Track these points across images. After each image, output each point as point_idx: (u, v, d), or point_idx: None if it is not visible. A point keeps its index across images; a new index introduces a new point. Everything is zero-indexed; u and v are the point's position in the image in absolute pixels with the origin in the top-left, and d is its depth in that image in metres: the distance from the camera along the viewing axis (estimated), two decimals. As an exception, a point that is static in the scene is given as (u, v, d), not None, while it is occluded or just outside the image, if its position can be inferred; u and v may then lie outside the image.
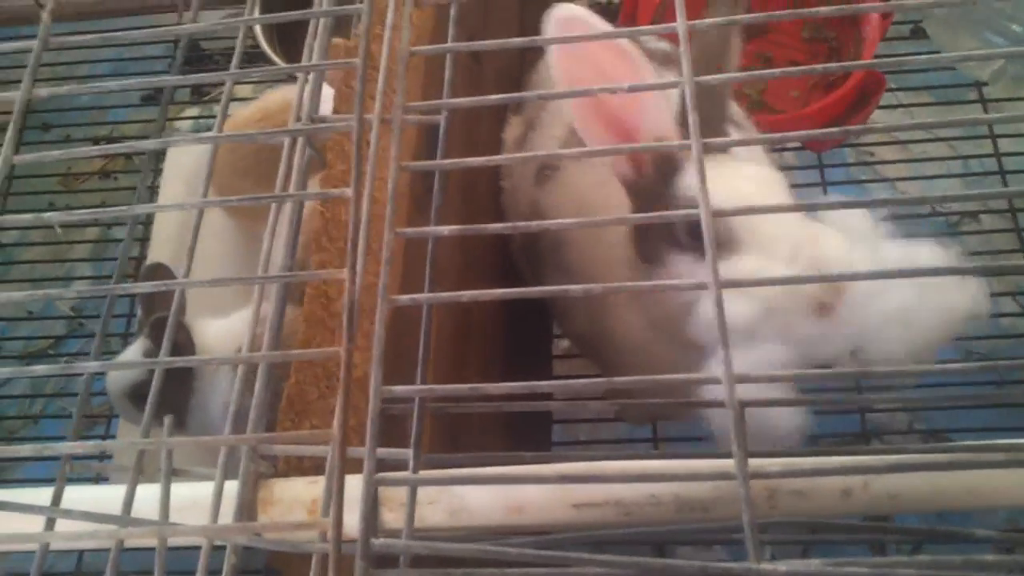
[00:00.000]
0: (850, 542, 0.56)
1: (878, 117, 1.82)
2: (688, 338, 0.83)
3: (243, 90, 2.01)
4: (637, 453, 0.60)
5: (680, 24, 0.59)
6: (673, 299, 0.82)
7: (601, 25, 0.80)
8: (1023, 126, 1.70)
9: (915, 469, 0.46)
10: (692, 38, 0.85)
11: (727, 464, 0.48)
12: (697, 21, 0.59)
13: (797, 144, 1.65)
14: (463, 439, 0.98)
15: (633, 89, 0.59)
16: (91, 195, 2.01)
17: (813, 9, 0.74)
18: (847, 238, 0.86)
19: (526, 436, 1.25)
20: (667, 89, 0.63)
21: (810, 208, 0.84)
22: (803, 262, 0.78)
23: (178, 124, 2.04)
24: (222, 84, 0.73)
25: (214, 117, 1.99)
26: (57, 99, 0.63)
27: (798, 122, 1.42)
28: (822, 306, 0.78)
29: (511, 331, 1.22)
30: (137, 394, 1.15)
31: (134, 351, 1.15)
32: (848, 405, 1.39)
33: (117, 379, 1.15)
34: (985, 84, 1.64)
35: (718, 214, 0.54)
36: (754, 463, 0.48)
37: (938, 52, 1.66)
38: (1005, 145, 1.63)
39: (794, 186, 1.73)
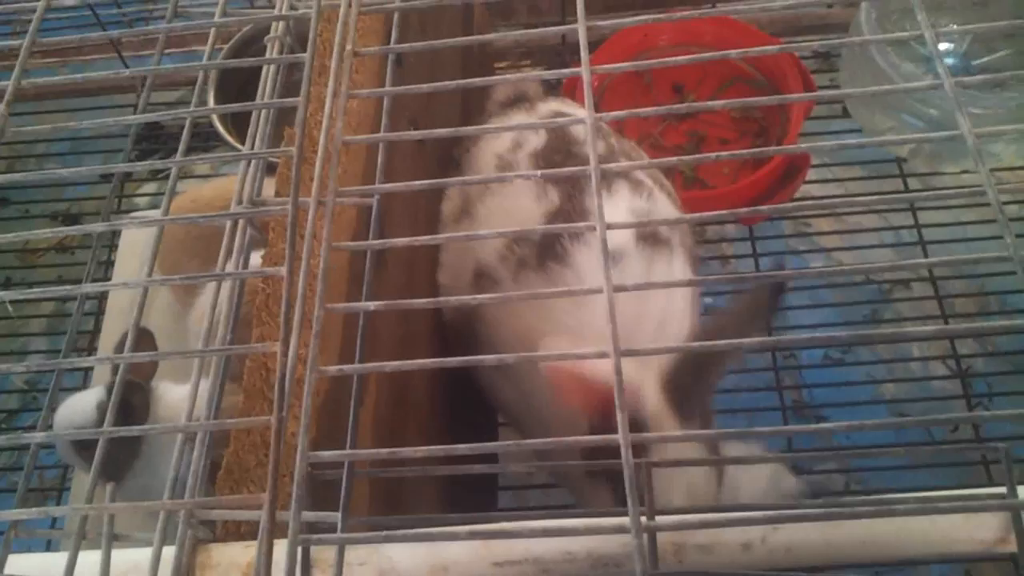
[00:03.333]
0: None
1: (813, 190, 1.92)
2: None
3: (202, 168, 2.06)
4: (551, 513, 0.65)
5: (588, 116, 0.66)
6: None
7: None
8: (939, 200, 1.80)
9: (791, 521, 0.51)
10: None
11: (626, 520, 0.52)
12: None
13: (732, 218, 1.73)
14: (403, 507, 1.01)
15: (545, 176, 0.65)
16: (48, 269, 2.03)
17: (744, 99, 0.79)
18: None
19: (469, 503, 1.28)
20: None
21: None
22: None
23: (136, 200, 2.08)
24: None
25: (164, 196, 2.04)
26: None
27: (729, 196, 1.50)
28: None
29: (453, 401, 1.26)
30: (79, 438, 1.16)
31: (88, 397, 1.16)
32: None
33: (62, 420, 1.15)
34: (905, 160, 1.74)
35: (619, 289, 0.59)
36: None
37: (859, 131, 1.77)
38: (925, 216, 1.72)
39: (729, 257, 1.81)
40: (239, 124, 1.67)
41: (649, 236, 1.14)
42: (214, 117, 1.64)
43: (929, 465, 1.51)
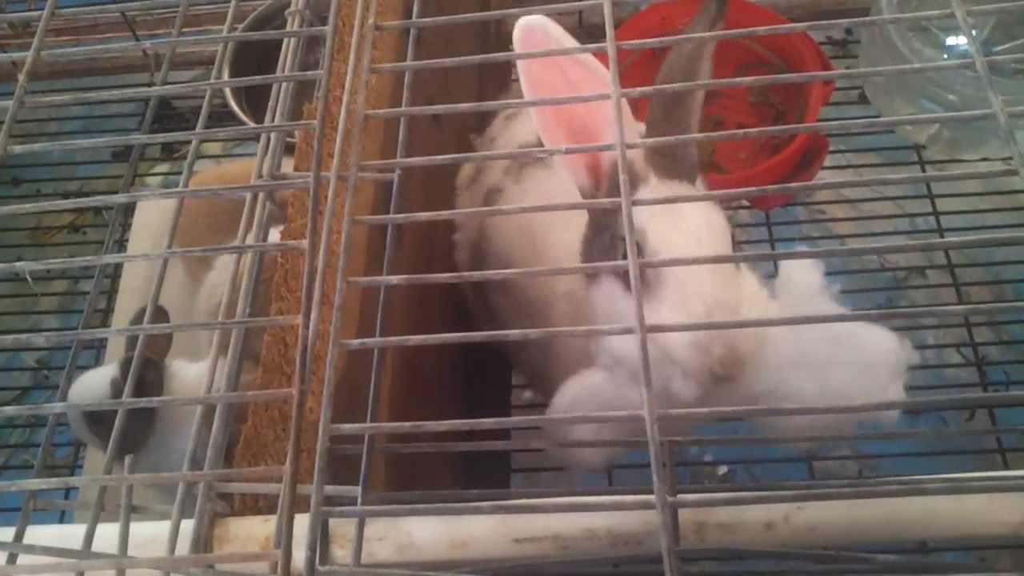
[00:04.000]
0: (772, 572, 0.60)
1: (828, 176, 1.91)
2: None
3: (212, 147, 2.06)
4: (573, 490, 0.64)
5: (614, 92, 0.65)
6: (606, 312, 0.87)
7: (561, 36, 0.84)
8: (959, 186, 1.79)
9: (818, 499, 0.51)
10: (670, 52, 0.91)
11: (651, 496, 0.52)
12: (629, 89, 0.65)
13: (746, 201, 1.72)
14: (418, 485, 1.01)
15: (570, 151, 0.64)
16: (60, 248, 2.03)
17: (760, 77, 0.78)
18: (783, 295, 0.91)
19: (482, 484, 1.28)
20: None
21: (754, 259, 0.90)
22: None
23: (148, 180, 2.08)
24: (190, 142, 0.77)
25: (183, 173, 2.04)
26: (28, 154, 0.67)
27: (745, 182, 1.49)
28: (717, 376, 0.81)
29: (467, 381, 1.26)
30: (93, 414, 1.16)
31: (102, 374, 1.16)
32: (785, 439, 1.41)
33: (76, 397, 1.15)
34: (923, 147, 1.72)
35: (645, 265, 0.59)
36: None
37: (877, 118, 1.75)
38: (943, 204, 1.71)
39: (744, 242, 1.80)
40: (253, 103, 1.66)
41: None
42: (228, 95, 1.63)
43: (944, 452, 1.50)
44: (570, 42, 0.80)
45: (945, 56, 1.58)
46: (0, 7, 1.94)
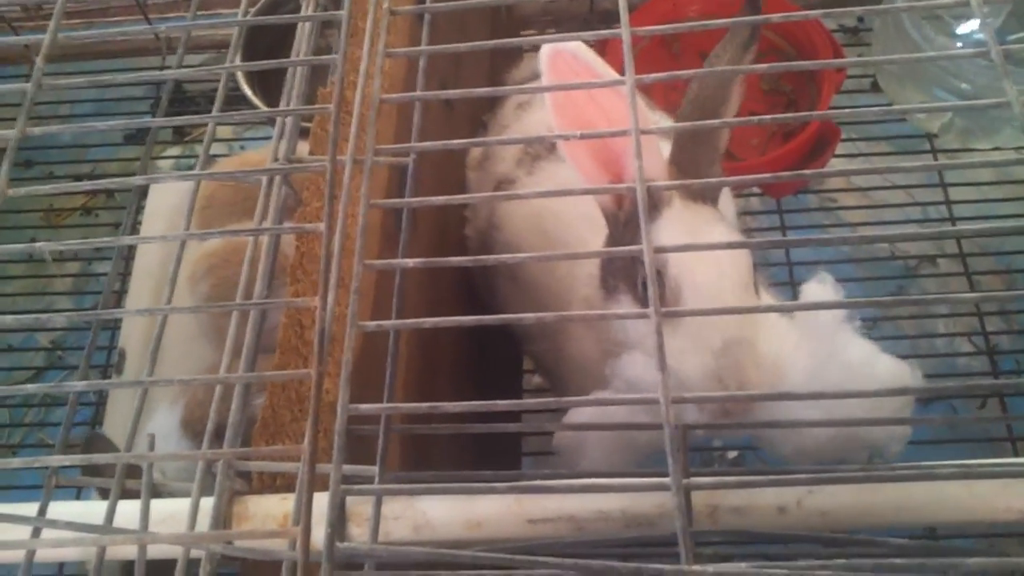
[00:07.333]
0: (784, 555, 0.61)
1: (839, 164, 1.90)
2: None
3: (223, 131, 2.06)
4: (588, 472, 0.65)
5: (628, 78, 0.65)
6: (621, 333, 0.87)
7: (590, 58, 0.82)
8: (971, 175, 1.78)
9: (831, 482, 0.51)
10: (695, 82, 0.91)
11: (666, 479, 0.52)
12: (643, 75, 0.65)
13: (758, 189, 1.72)
14: (432, 467, 1.02)
15: (585, 137, 0.65)
16: (73, 231, 2.04)
17: (773, 64, 0.78)
18: (803, 323, 0.91)
19: (494, 467, 1.29)
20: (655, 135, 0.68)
21: (765, 245, 0.90)
22: (727, 360, 0.82)
23: (160, 163, 2.08)
24: (204, 125, 0.78)
25: (195, 157, 2.05)
26: (41, 136, 0.68)
27: (757, 169, 1.49)
28: (725, 411, 0.83)
29: (480, 367, 1.27)
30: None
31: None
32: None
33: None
34: (936, 136, 1.72)
35: (660, 250, 0.59)
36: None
37: (890, 105, 1.75)
38: (955, 193, 1.70)
39: (755, 229, 1.80)
40: (265, 88, 1.66)
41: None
42: (240, 79, 1.63)
43: (955, 440, 1.50)
44: (602, 67, 0.80)
45: (958, 44, 1.58)
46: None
